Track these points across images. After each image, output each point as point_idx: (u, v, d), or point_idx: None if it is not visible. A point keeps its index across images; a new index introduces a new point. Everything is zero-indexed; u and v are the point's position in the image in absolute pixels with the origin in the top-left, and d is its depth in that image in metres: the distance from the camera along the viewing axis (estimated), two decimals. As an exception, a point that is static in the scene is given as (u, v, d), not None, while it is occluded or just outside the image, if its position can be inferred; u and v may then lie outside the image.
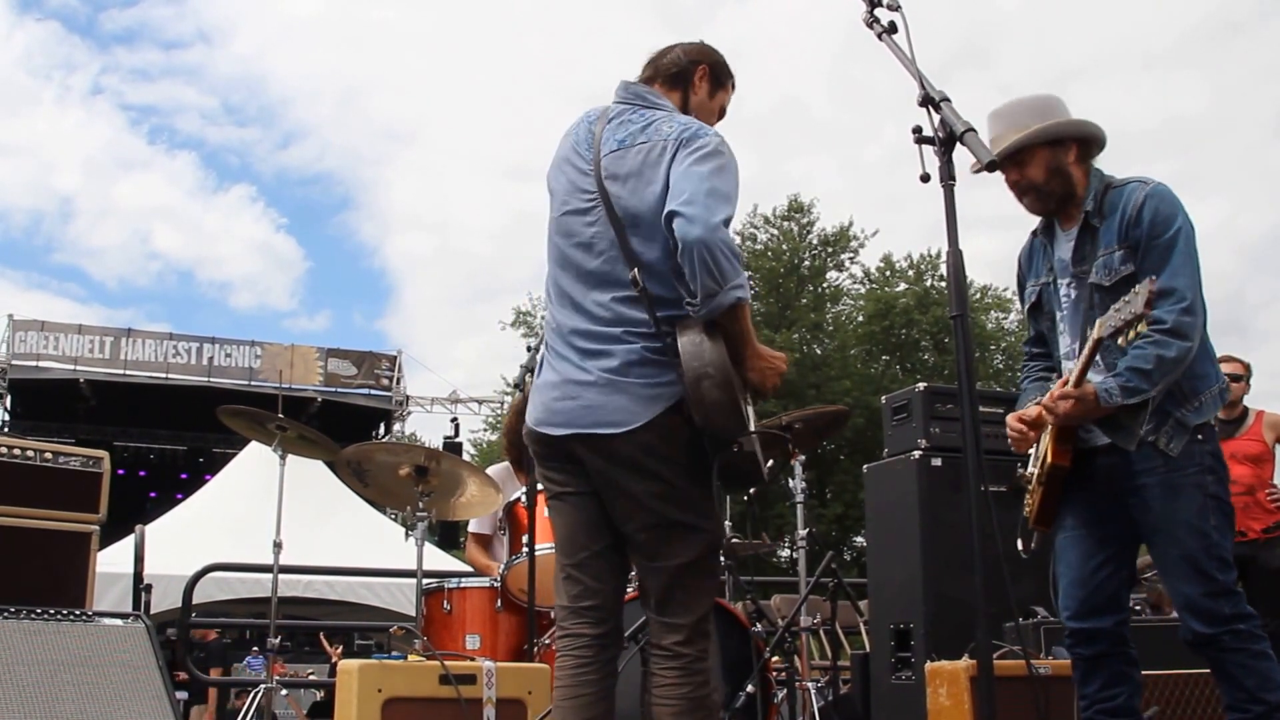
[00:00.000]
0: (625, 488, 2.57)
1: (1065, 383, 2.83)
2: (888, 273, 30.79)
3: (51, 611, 3.58)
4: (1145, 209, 2.84)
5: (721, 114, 2.99)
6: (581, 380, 2.58)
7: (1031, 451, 3.11)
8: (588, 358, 2.60)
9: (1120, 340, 2.68)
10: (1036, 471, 3.05)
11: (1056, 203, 3.02)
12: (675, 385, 2.51)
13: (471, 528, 5.08)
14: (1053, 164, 2.97)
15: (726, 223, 2.47)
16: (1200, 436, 2.81)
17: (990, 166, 2.28)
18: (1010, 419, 3.12)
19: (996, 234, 44.18)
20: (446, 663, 3.47)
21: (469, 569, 5.72)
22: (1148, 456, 2.82)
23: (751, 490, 3.14)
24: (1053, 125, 2.97)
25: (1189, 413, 2.81)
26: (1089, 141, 3.02)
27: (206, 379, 21.34)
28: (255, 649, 11.82)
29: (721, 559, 2.76)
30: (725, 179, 2.53)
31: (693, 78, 2.87)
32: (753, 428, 2.57)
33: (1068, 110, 3.04)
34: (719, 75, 2.93)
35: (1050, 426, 2.95)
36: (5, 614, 3.47)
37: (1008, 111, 3.04)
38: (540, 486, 3.50)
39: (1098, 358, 2.87)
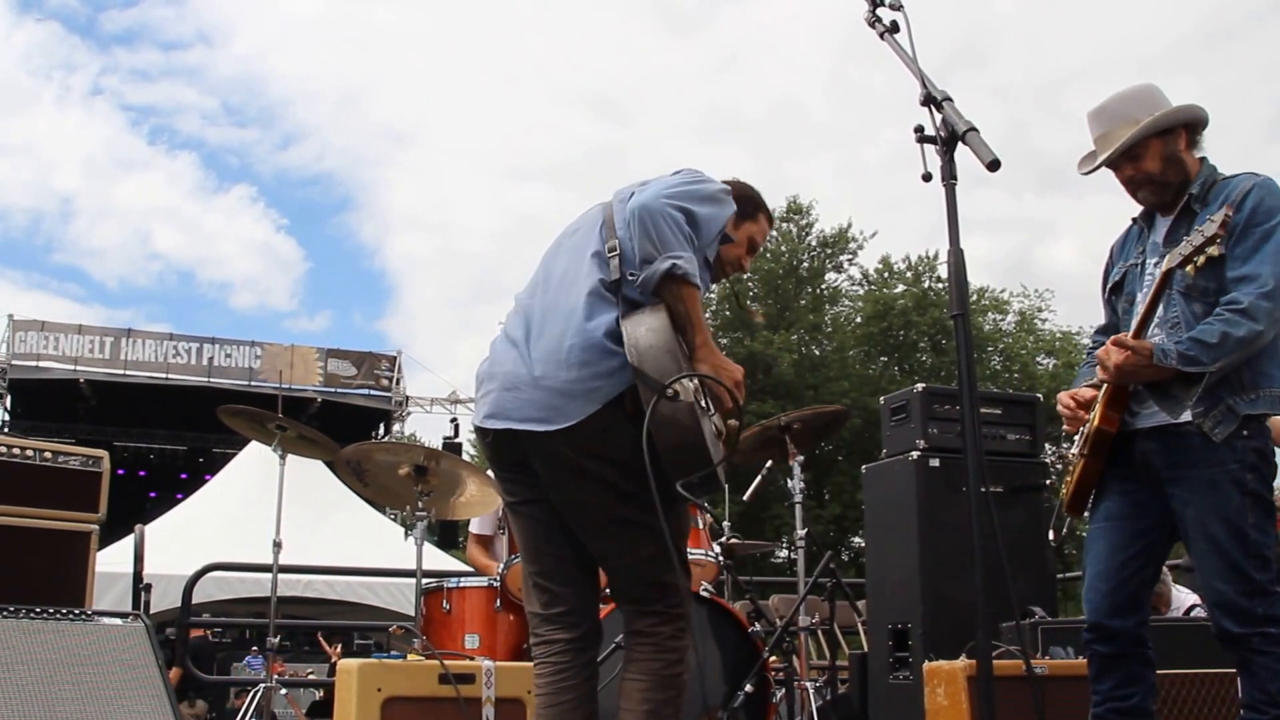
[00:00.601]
0: (565, 487, 2.51)
1: (1119, 341, 2.76)
2: (886, 274, 30.82)
3: (51, 611, 3.58)
4: (1250, 196, 2.79)
5: (751, 249, 2.99)
6: (517, 372, 2.52)
7: (1076, 436, 3.05)
8: (534, 329, 2.54)
9: (1190, 268, 2.62)
10: (1080, 444, 2.99)
11: (1174, 192, 2.96)
12: (615, 377, 2.41)
13: (472, 528, 5.08)
14: (1167, 153, 2.93)
15: (684, 211, 2.42)
16: (1246, 432, 2.74)
17: (992, 165, 2.24)
18: (1062, 395, 3.08)
19: (993, 236, 44.28)
20: (446, 662, 3.48)
21: (468, 569, 5.72)
22: (1189, 446, 2.77)
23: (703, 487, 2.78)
24: (1163, 116, 2.92)
25: (1242, 401, 2.75)
26: (1195, 125, 2.98)
27: (206, 379, 21.34)
28: (255, 648, 11.82)
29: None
30: (701, 194, 2.50)
31: None
32: (712, 440, 2.41)
33: (1167, 99, 3.00)
34: (745, 208, 2.91)
35: (1102, 392, 2.91)
36: (4, 613, 3.47)
37: (1113, 107, 2.99)
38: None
39: (1161, 333, 2.84)
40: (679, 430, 2.33)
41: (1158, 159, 2.93)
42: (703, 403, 2.40)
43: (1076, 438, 3.05)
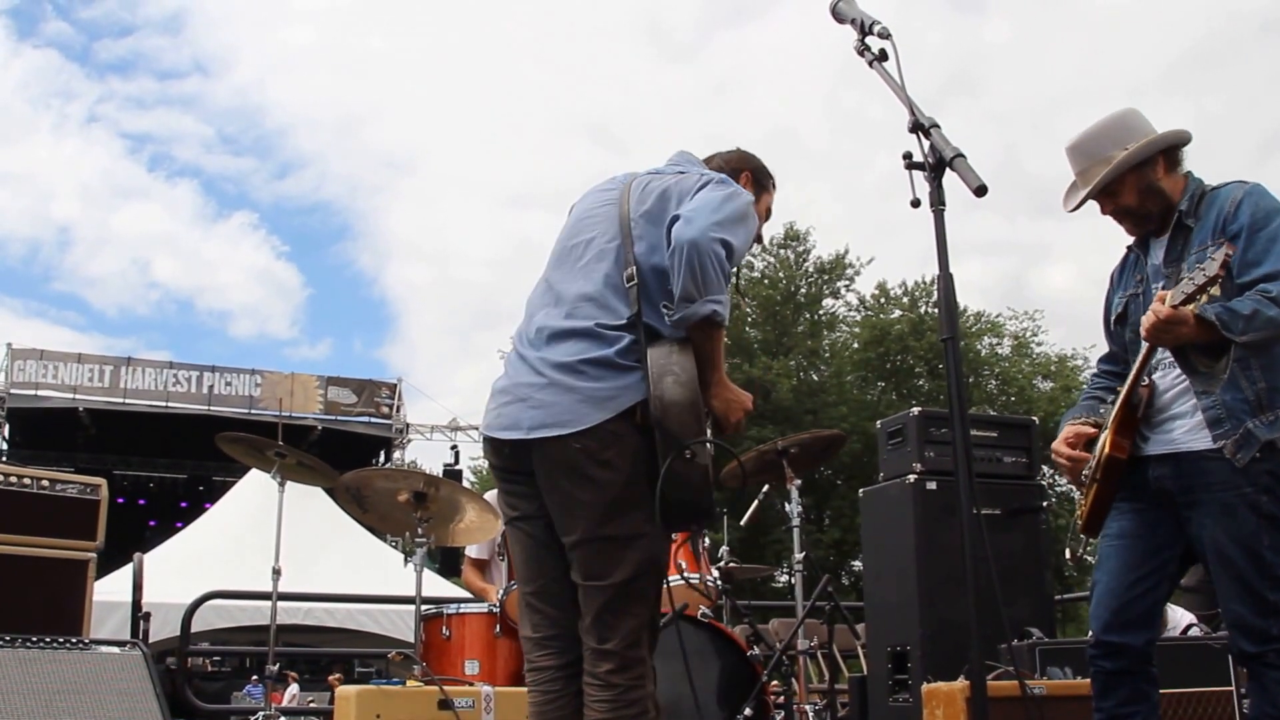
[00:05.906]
0: (565, 494, 2.49)
1: (1163, 299, 2.69)
2: (883, 299, 30.90)
3: (48, 639, 3.58)
4: (1244, 204, 2.80)
5: (767, 216, 3.01)
6: (532, 382, 2.53)
7: (1087, 471, 3.03)
8: (545, 346, 2.54)
9: (1192, 308, 2.61)
10: (1092, 469, 2.99)
11: (1157, 219, 2.97)
12: (630, 391, 2.44)
13: (469, 552, 5.09)
14: (1142, 185, 2.93)
15: (726, 247, 2.43)
16: (1259, 454, 2.74)
17: (979, 191, 2.27)
18: (1056, 445, 3.06)
19: (989, 260, 44.44)
20: (445, 687, 3.48)
21: (468, 595, 5.73)
22: (1203, 470, 2.78)
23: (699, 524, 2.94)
24: (1134, 151, 2.93)
25: (1262, 425, 2.74)
26: (1173, 148, 2.98)
27: (206, 407, 21.33)
28: (254, 677, 11.77)
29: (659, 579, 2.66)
30: (739, 216, 2.52)
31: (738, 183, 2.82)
32: (710, 453, 2.44)
33: (1144, 121, 3.00)
34: (761, 180, 2.96)
35: (1111, 419, 2.91)
36: (2, 642, 3.47)
37: (1087, 144, 3.00)
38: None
39: (1162, 370, 2.88)
40: (688, 490, 2.43)
41: (1134, 193, 2.94)
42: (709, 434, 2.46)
43: (1091, 462, 3.02)
